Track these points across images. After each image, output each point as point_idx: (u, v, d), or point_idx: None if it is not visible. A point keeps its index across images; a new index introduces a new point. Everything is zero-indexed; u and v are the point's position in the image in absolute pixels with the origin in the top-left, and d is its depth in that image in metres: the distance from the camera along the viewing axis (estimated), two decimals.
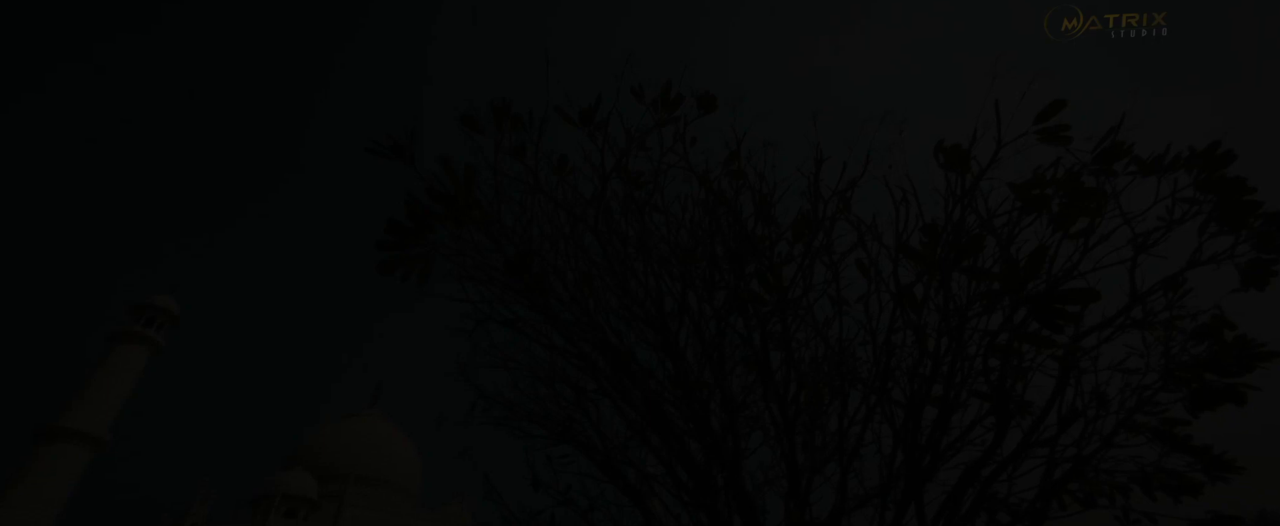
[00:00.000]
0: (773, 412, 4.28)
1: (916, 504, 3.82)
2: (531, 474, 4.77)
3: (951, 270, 2.44)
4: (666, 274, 4.69)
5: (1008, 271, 2.44)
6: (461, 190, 2.81)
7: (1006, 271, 2.44)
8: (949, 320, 3.31)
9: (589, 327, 3.97)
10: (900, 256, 3.35)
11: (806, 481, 4.63)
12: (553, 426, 4.94)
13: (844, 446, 4.49)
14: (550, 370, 5.15)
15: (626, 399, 4.06)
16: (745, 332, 4.29)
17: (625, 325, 4.88)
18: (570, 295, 4.23)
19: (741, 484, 3.92)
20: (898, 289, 3.33)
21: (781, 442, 4.22)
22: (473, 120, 3.20)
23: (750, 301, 4.10)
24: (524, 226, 3.91)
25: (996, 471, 3.73)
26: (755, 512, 3.87)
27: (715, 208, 4.39)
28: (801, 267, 3.78)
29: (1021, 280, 2.28)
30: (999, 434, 3.79)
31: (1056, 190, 2.55)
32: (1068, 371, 3.42)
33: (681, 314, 4.69)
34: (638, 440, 4.83)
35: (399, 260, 2.73)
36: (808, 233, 3.81)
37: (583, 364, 3.99)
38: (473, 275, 3.80)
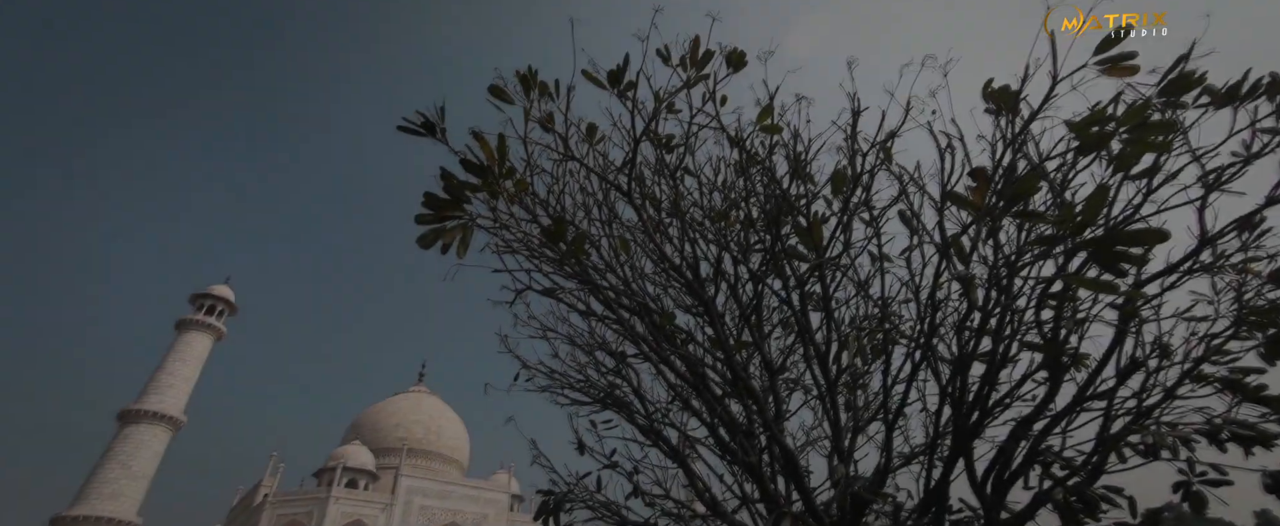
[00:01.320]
0: (814, 373, 4.25)
1: (965, 460, 3.76)
2: (577, 439, 4.91)
3: (1002, 216, 2.32)
4: (701, 237, 4.65)
5: (1065, 213, 2.30)
6: (494, 160, 2.82)
7: (1064, 213, 2.30)
8: (998, 271, 3.18)
9: (626, 293, 3.99)
10: (946, 206, 3.21)
11: (850, 440, 4.61)
12: (595, 393, 5.05)
13: (888, 405, 4.44)
14: (589, 338, 5.24)
15: (666, 363, 4.09)
16: (784, 294, 4.24)
17: (661, 291, 4.89)
18: (606, 263, 4.25)
19: (784, 442, 3.93)
20: (944, 239, 3.21)
21: (823, 402, 4.20)
22: (500, 90, 3.18)
23: (789, 260, 4.04)
24: (557, 196, 3.92)
25: (1049, 425, 3.62)
26: (798, 469, 3.89)
27: (748, 168, 4.30)
28: (841, 223, 3.68)
29: (1081, 222, 2.14)
30: (1052, 388, 3.67)
31: (1118, 126, 2.37)
32: (1128, 320, 3.25)
33: (717, 278, 4.67)
34: (679, 403, 4.89)
35: (438, 233, 2.78)
36: (846, 187, 3.69)
37: (622, 329, 4.02)
38: (510, 247, 3.85)
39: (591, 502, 4.75)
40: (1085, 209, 2.19)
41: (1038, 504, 3.68)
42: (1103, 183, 2.21)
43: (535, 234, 3.33)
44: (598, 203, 4.27)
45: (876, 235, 3.83)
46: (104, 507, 44.75)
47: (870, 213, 4.03)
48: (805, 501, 3.82)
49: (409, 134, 3.22)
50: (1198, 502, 3.64)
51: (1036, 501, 3.70)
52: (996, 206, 2.31)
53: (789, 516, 3.09)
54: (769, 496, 3.86)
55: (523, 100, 3.26)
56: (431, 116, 3.20)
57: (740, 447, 4.01)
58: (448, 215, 2.71)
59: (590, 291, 3.81)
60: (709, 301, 3.92)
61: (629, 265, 4.38)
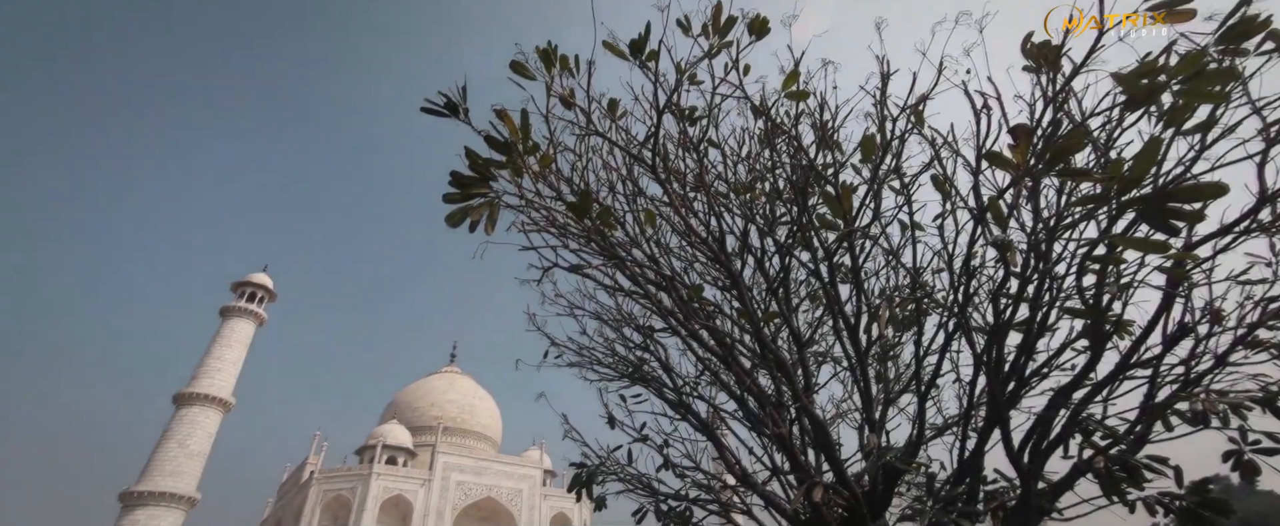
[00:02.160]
0: (843, 345, 4.20)
1: (1001, 430, 3.69)
2: (607, 413, 4.99)
3: (1044, 175, 2.21)
4: (726, 211, 4.60)
5: (1113, 169, 2.18)
6: (518, 136, 2.82)
7: (1112, 169, 2.18)
8: (1037, 235, 3.06)
9: (653, 267, 3.99)
10: (983, 168, 3.09)
11: (881, 412, 4.58)
12: (623, 368, 5.11)
13: (920, 376, 4.38)
14: (617, 315, 5.28)
15: (694, 336, 4.10)
16: (812, 266, 4.18)
17: (687, 266, 4.88)
18: (631, 239, 4.25)
19: (814, 413, 3.92)
20: (980, 204, 3.10)
21: (853, 373, 4.16)
22: (521, 66, 3.16)
23: (817, 231, 3.97)
24: (581, 172, 3.91)
25: (1090, 394, 3.52)
26: (829, 440, 3.88)
27: (773, 138, 4.21)
28: (871, 190, 3.59)
29: (1129, 179, 2.03)
30: (1093, 356, 3.56)
31: (1171, 77, 2.22)
32: (1177, 284, 3.11)
33: (743, 251, 4.63)
34: (708, 377, 4.91)
35: (465, 211, 2.81)
36: (875, 154, 3.58)
37: (649, 304, 4.04)
38: (536, 225, 3.88)
39: (623, 475, 4.85)
40: (1135, 164, 2.08)
41: (1078, 473, 3.61)
42: (1154, 136, 2.08)
43: (560, 210, 3.33)
44: (622, 177, 4.25)
45: (907, 202, 3.73)
46: (166, 483, 47.65)
47: (901, 180, 3.92)
48: (836, 472, 3.82)
49: (432, 115, 3.24)
50: (1250, 471, 3.52)
51: (1076, 470, 3.62)
52: (1038, 165, 2.21)
53: (820, 486, 3.10)
54: (800, 467, 3.88)
55: (544, 75, 3.24)
56: (454, 96, 3.21)
57: (770, 419, 4.02)
58: (474, 193, 2.74)
59: (616, 266, 3.82)
60: (736, 274, 3.89)
61: (655, 240, 4.37)
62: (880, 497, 4.05)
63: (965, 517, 3.43)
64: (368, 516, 58.83)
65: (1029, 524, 3.76)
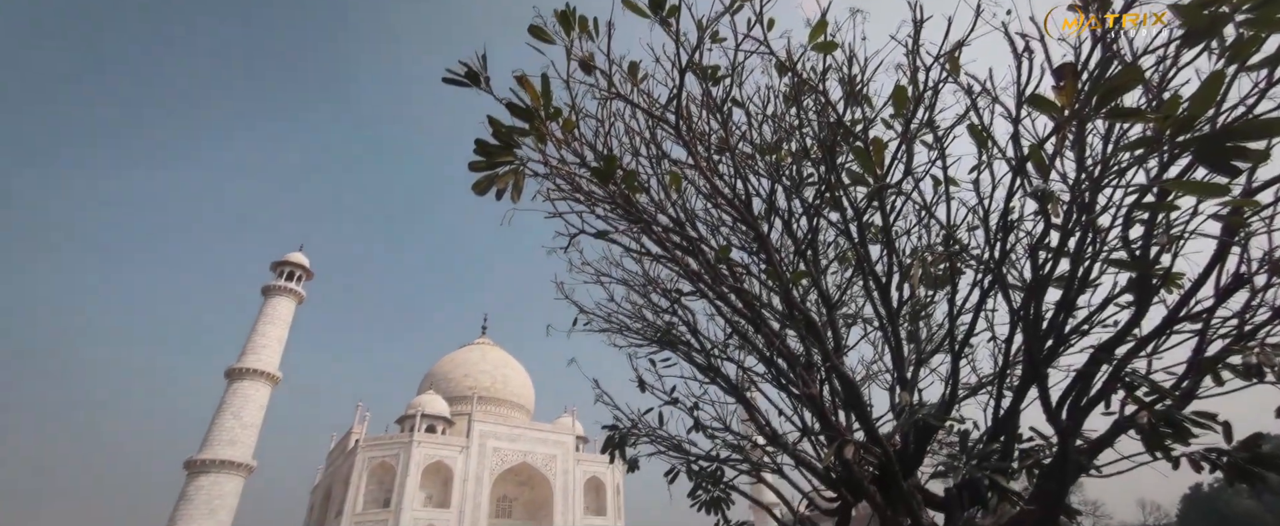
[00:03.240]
0: (874, 304, 4.14)
1: (1039, 387, 3.62)
2: (637, 377, 5.07)
3: (1092, 118, 2.08)
4: (752, 172, 4.52)
5: (1168, 108, 2.04)
6: (540, 102, 2.80)
7: (1166, 108, 2.04)
8: (1080, 185, 2.92)
9: (679, 231, 3.97)
10: (1023, 115, 2.94)
11: (913, 372, 4.53)
12: (652, 333, 5.16)
13: (953, 334, 4.30)
14: (644, 281, 5.30)
15: (722, 299, 4.09)
16: (842, 225, 4.10)
17: (712, 231, 4.84)
18: (656, 204, 4.22)
19: (844, 372, 3.90)
20: (1019, 153, 2.97)
21: (884, 332, 4.11)
22: (540, 30, 3.11)
23: (845, 189, 3.87)
24: (604, 137, 3.87)
25: (1135, 349, 3.41)
26: (860, 398, 3.87)
27: (800, 95, 4.08)
28: (903, 142, 3.46)
29: (1186, 118, 1.90)
30: (1139, 310, 3.43)
31: (1236, 6, 2.04)
32: (1233, 233, 2.95)
33: (770, 213, 4.56)
34: (737, 339, 4.92)
35: (491, 179, 2.83)
36: (907, 107, 3.44)
37: (677, 267, 4.03)
38: (561, 192, 3.88)
39: (654, 437, 4.95)
40: (1193, 102, 1.94)
41: (1119, 429, 3.53)
42: (1216, 71, 1.93)
43: (584, 175, 3.32)
44: (645, 141, 4.20)
45: (941, 156, 3.59)
46: (225, 452, 50.75)
47: (934, 133, 3.77)
48: (867, 430, 3.83)
49: (453, 85, 3.23)
50: None
51: (1118, 427, 3.55)
52: (1085, 107, 2.08)
53: (852, 443, 3.11)
54: (831, 426, 3.89)
55: (563, 39, 3.19)
56: (474, 66, 3.19)
57: (800, 380, 4.02)
58: (499, 161, 2.75)
59: (642, 231, 3.81)
60: (763, 236, 3.85)
61: (680, 205, 4.33)
62: (912, 455, 4.06)
63: (999, 473, 3.41)
64: (411, 482, 61.83)
65: (1066, 480, 3.72)
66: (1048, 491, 3.74)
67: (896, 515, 4.02)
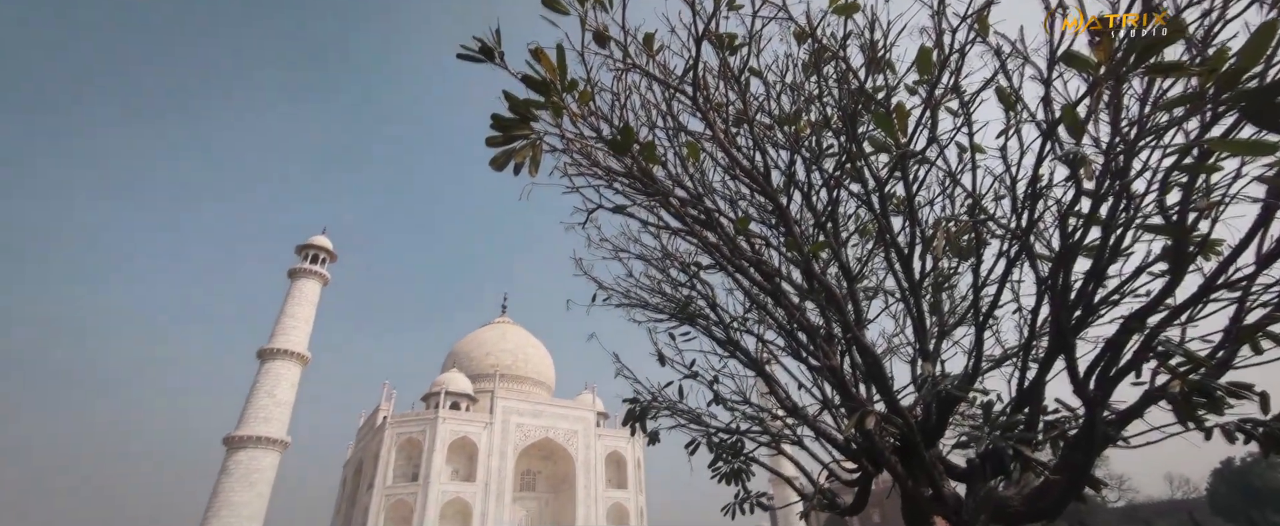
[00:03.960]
0: (896, 275, 4.09)
1: (1066, 357, 3.56)
2: (656, 351, 5.10)
3: (1132, 73, 1.98)
4: (771, 145, 4.45)
5: (1214, 60, 1.94)
6: (556, 74, 2.77)
7: (1213, 61, 1.93)
8: (1114, 147, 2.81)
9: (697, 204, 3.94)
10: (1056, 74, 2.83)
11: (935, 344, 4.49)
12: (671, 308, 5.17)
13: (978, 305, 4.24)
14: (662, 257, 5.29)
15: (741, 271, 4.07)
16: (863, 196, 4.02)
17: (730, 205, 4.79)
18: (673, 178, 4.18)
19: (865, 342, 3.88)
20: (1049, 116, 2.86)
21: (906, 303, 4.06)
22: (554, 0, 3.06)
23: (867, 158, 3.79)
24: (620, 109, 3.83)
25: (1169, 317, 3.32)
26: (881, 369, 3.85)
27: (820, 63, 3.97)
28: (927, 108, 3.36)
29: (1233, 71, 1.80)
30: (1173, 278, 3.32)
31: None
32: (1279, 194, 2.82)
33: (789, 186, 4.49)
34: (756, 311, 4.91)
35: (508, 154, 2.82)
36: (932, 71, 3.33)
37: (696, 241, 4.01)
38: (578, 168, 3.86)
39: (674, 410, 5.00)
40: (1241, 55, 1.84)
41: (1149, 400, 3.47)
42: (1267, 21, 1.82)
43: (601, 148, 3.30)
44: (661, 114, 4.14)
45: (967, 121, 3.48)
46: (261, 428, 52.81)
47: (960, 98, 3.65)
48: (888, 402, 3.81)
49: (468, 60, 3.21)
50: None
51: (1148, 397, 3.48)
52: (1123, 63, 1.99)
53: (873, 414, 3.11)
54: (851, 397, 3.88)
55: (577, 10, 3.13)
56: (488, 41, 3.16)
57: (820, 352, 4.01)
58: (516, 135, 2.74)
59: (660, 204, 3.79)
60: (782, 207, 3.80)
61: (698, 178, 4.29)
62: (934, 427, 4.04)
63: (1024, 443, 3.38)
64: (438, 457, 63.75)
65: (1093, 451, 3.68)
66: (1073, 462, 3.70)
67: (917, 485, 4.03)
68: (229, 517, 48.17)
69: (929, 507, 3.91)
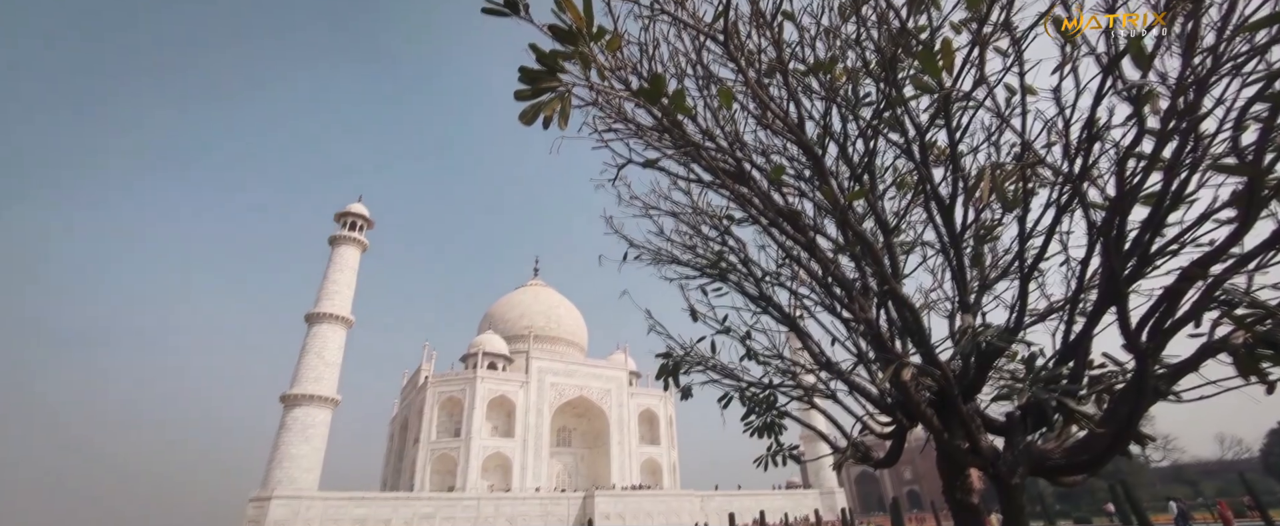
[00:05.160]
0: (936, 226, 3.95)
1: (1118, 309, 3.40)
2: (689, 307, 5.12)
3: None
4: (805, 94, 4.28)
5: None
6: (582, 22, 2.70)
7: None
8: (1185, 82, 2.60)
9: (729, 155, 3.85)
10: (1120, 3, 2.60)
11: (976, 296, 4.36)
12: (702, 265, 5.15)
13: (1023, 257, 4.08)
14: (692, 213, 5.24)
15: (775, 224, 4.00)
16: (903, 145, 3.86)
17: (764, 159, 4.67)
18: (704, 132, 4.08)
19: (901, 293, 3.79)
20: (1113, 47, 2.65)
21: (946, 256, 3.94)
22: None
23: (909, 104, 3.61)
24: (649, 59, 3.72)
25: (1236, 264, 3.12)
26: (918, 319, 3.77)
27: (858, 2, 3.75)
28: (975, 46, 3.15)
29: None
30: (1243, 224, 3.11)
31: None
32: None
33: (824, 137, 4.34)
34: (790, 264, 4.84)
35: (537, 108, 2.79)
36: (981, 5, 3.10)
37: (729, 193, 3.95)
38: (608, 124, 3.80)
39: (707, 365, 5.05)
40: None
41: (1208, 352, 3.31)
42: None
43: (630, 98, 3.23)
44: (691, 63, 4.01)
45: (1018, 59, 3.25)
46: (312, 387, 55.98)
47: (1011, 35, 3.40)
48: (925, 354, 3.76)
49: (493, 14, 3.15)
50: None
51: (1206, 349, 3.32)
52: None
53: (909, 366, 3.07)
54: (886, 349, 3.84)
55: None
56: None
57: (856, 304, 3.95)
58: (544, 87, 2.70)
59: (691, 156, 3.72)
60: (818, 157, 3.68)
61: (730, 129, 4.18)
62: (972, 380, 3.98)
63: (1068, 396, 3.29)
64: (478, 414, 66.65)
65: (1141, 405, 3.56)
66: (1119, 415, 3.60)
67: (953, 438, 4.00)
68: (290, 469, 51.85)
69: (965, 460, 3.90)
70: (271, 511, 48.26)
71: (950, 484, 4.11)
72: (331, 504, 51.31)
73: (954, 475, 4.09)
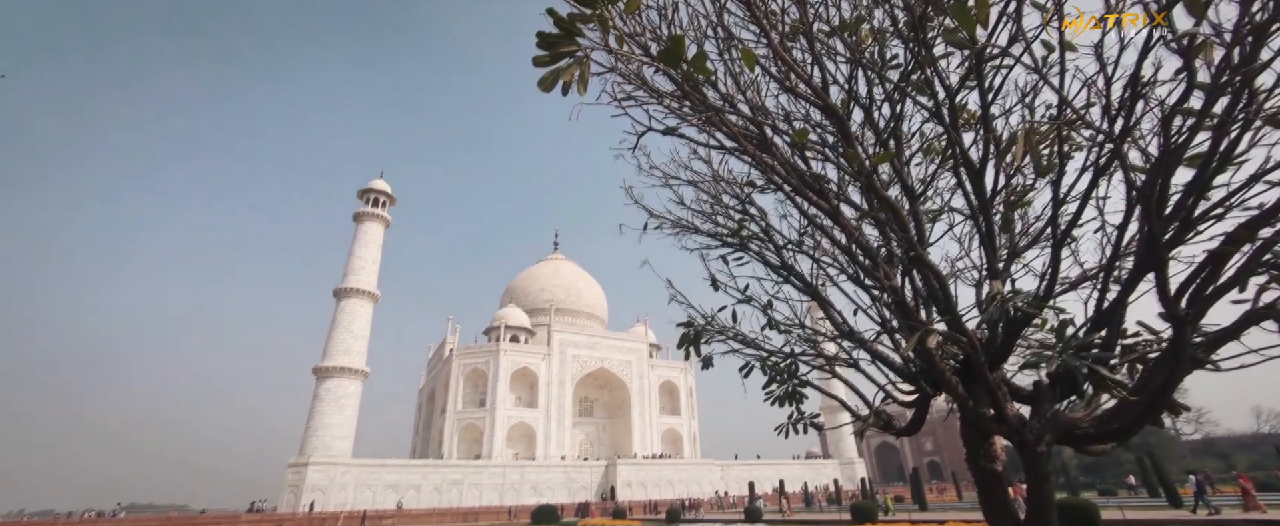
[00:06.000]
0: (965, 192, 3.83)
1: (1156, 274, 3.29)
2: (710, 276, 5.10)
3: None
4: (829, 57, 4.13)
5: None
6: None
7: None
8: (1242, 31, 2.43)
9: (752, 121, 3.77)
10: None
11: (1006, 263, 4.26)
12: (723, 235, 5.11)
13: (1056, 222, 3.94)
14: (713, 183, 5.17)
15: (799, 191, 3.93)
16: (933, 107, 3.72)
17: (787, 124, 4.56)
18: (725, 98, 3.99)
19: (928, 259, 3.72)
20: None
21: (975, 221, 3.83)
22: None
23: (938, 63, 3.47)
24: (668, 23, 3.63)
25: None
26: (945, 285, 3.70)
27: None
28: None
29: None
30: None
31: None
32: None
33: (849, 101, 4.21)
34: (813, 232, 4.78)
35: (556, 74, 2.75)
36: None
37: (752, 160, 3.87)
38: (627, 82, 3.74)
39: (728, 334, 5.06)
40: None
41: (1252, 319, 3.19)
42: None
43: (648, 60, 3.16)
44: (712, 25, 3.90)
45: (1058, 12, 3.08)
46: (342, 359, 57.84)
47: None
48: (952, 321, 3.70)
49: None
50: None
51: (1250, 317, 3.20)
52: None
53: (935, 332, 3.02)
54: (910, 315, 3.79)
55: None
56: None
57: (881, 272, 3.89)
58: (562, 52, 2.65)
59: (712, 122, 3.65)
60: (843, 121, 3.58)
61: (753, 95, 4.08)
62: (999, 348, 3.91)
63: (1100, 363, 3.22)
64: (502, 385, 68.28)
65: (1177, 373, 3.47)
66: (1153, 383, 3.52)
67: (978, 406, 3.97)
68: (325, 437, 54.07)
69: (989, 428, 3.86)
70: (309, 476, 50.62)
71: (974, 451, 4.09)
72: (365, 470, 53.56)
73: (978, 443, 4.07)
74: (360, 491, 52.29)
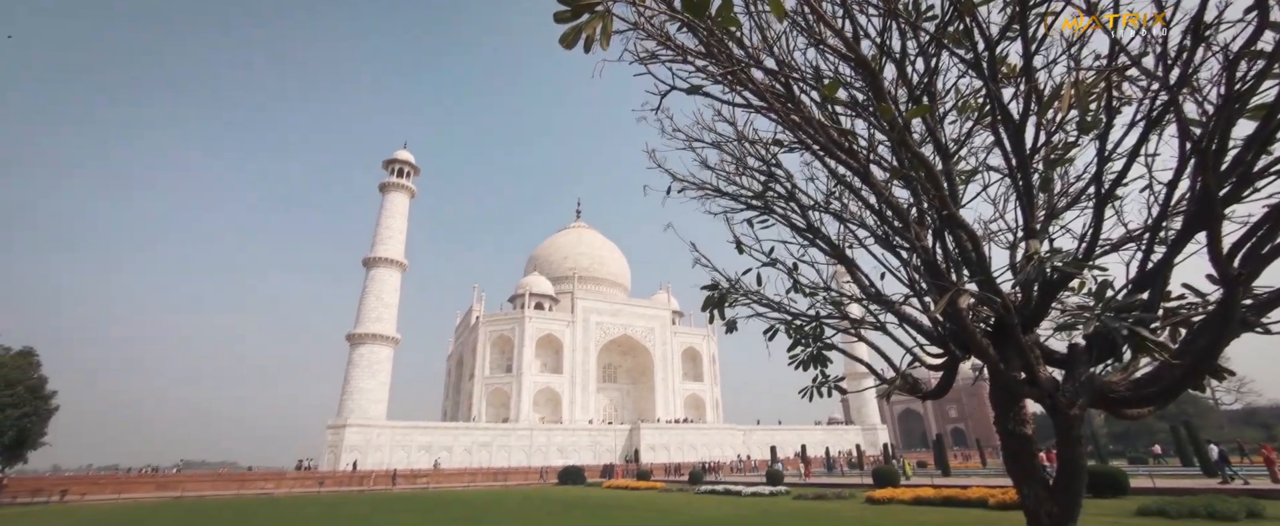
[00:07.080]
0: (1003, 148, 3.67)
1: (1209, 232, 3.12)
2: (734, 239, 5.05)
3: None
4: (860, 8, 3.94)
5: None
6: None
7: None
8: None
9: (780, 76, 3.64)
10: None
11: (1043, 223, 4.10)
12: (747, 197, 5.02)
13: (1100, 179, 3.76)
14: (738, 145, 5.05)
15: (827, 151, 3.82)
16: (971, 57, 3.53)
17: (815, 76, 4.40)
18: (751, 56, 3.85)
19: (961, 218, 3.60)
20: None
21: (1012, 178, 3.68)
22: None
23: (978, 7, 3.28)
24: None
25: None
26: (978, 243, 3.59)
27: None
28: None
29: None
30: None
31: None
32: None
33: (882, 56, 4.03)
34: (841, 192, 4.66)
35: (578, 29, 2.68)
36: None
37: (778, 116, 3.76)
38: (650, 52, 3.64)
39: (753, 297, 5.03)
40: None
41: None
42: None
43: (672, 13, 3.05)
44: None
45: None
46: (374, 327, 59.74)
47: None
48: (984, 282, 3.60)
49: None
50: None
51: None
52: None
53: (966, 293, 2.94)
54: (941, 276, 3.70)
55: None
56: None
57: (912, 231, 3.79)
58: (584, 6, 2.58)
59: (738, 80, 3.53)
60: (875, 74, 3.43)
61: (780, 47, 3.93)
62: (1034, 310, 3.81)
63: (1141, 324, 3.11)
64: (527, 352, 69.84)
65: (1224, 336, 3.33)
66: (1197, 346, 3.39)
67: (1009, 369, 3.89)
68: (361, 400, 56.41)
69: (1021, 390, 3.80)
70: (347, 438, 53.13)
71: (1004, 415, 4.04)
72: (398, 431, 55.94)
73: (1008, 405, 4.02)
74: (395, 452, 54.77)
